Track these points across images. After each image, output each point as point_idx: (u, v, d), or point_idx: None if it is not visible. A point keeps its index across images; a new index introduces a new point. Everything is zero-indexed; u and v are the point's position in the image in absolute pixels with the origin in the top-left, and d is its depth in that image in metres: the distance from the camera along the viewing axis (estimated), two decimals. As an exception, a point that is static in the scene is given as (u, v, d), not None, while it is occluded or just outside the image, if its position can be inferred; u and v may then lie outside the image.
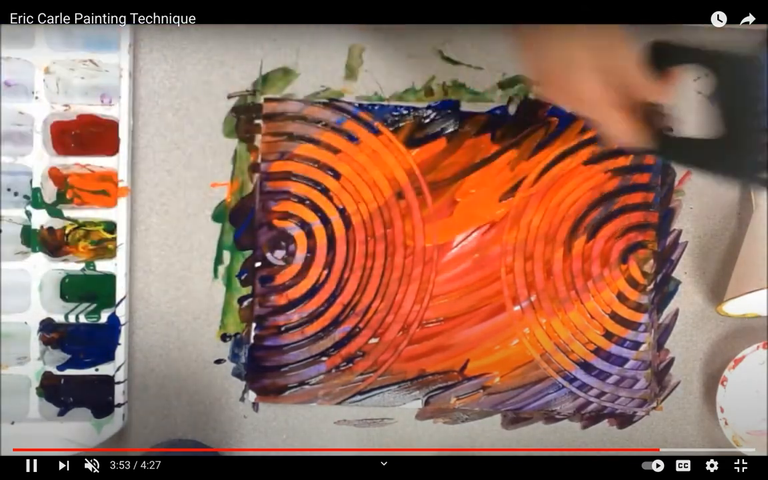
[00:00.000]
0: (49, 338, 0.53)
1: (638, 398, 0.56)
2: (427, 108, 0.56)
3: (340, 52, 0.55)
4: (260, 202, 0.55)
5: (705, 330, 0.57)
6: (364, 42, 0.55)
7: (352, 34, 0.55)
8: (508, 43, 0.52)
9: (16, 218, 0.54)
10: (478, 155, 0.56)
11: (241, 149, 0.55)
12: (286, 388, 0.54)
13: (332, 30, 0.55)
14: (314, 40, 0.55)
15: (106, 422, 0.52)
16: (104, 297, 0.54)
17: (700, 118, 0.48)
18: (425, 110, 0.56)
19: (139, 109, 0.55)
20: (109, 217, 0.54)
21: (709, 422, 0.57)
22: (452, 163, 0.55)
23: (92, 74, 0.54)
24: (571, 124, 0.56)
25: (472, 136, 0.56)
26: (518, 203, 0.56)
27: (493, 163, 0.56)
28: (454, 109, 0.56)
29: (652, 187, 0.56)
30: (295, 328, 0.54)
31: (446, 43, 0.56)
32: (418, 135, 0.55)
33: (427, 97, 0.56)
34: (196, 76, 0.55)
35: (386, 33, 0.55)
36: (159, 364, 0.55)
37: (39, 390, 0.52)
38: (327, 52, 0.55)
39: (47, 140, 0.53)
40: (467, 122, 0.56)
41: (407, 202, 0.55)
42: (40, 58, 0.52)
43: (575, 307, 0.56)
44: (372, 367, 0.55)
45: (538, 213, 0.56)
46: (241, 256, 0.55)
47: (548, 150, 0.56)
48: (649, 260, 0.56)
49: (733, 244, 0.57)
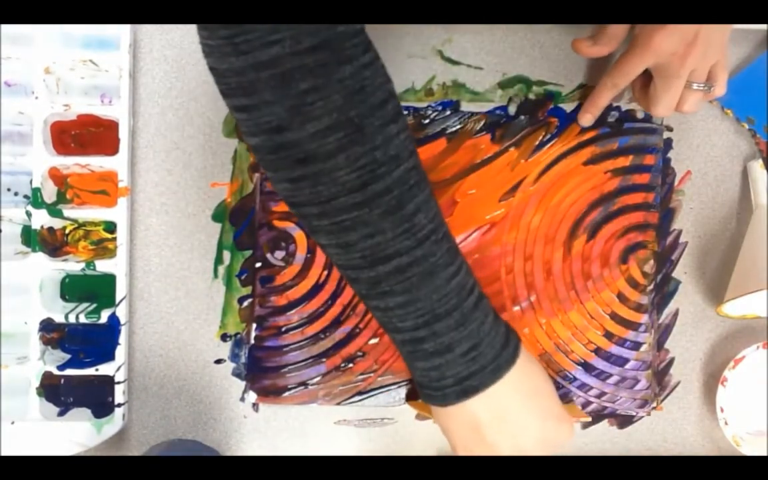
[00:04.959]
0: (49, 338, 0.53)
1: (639, 399, 0.56)
2: (427, 108, 0.56)
3: (340, 52, 0.55)
4: (260, 202, 0.55)
5: (705, 330, 0.57)
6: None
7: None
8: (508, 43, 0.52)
9: (16, 218, 0.54)
10: (478, 155, 0.56)
11: (241, 149, 0.55)
12: (286, 389, 0.54)
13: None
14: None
15: (106, 422, 0.52)
16: (104, 297, 0.54)
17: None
18: (425, 110, 0.56)
19: (139, 109, 0.55)
20: (109, 217, 0.54)
21: (709, 422, 0.57)
22: (452, 163, 0.55)
23: (92, 74, 0.54)
24: (571, 125, 0.56)
25: (472, 136, 0.56)
26: (518, 203, 0.56)
27: (493, 163, 0.56)
28: (454, 109, 0.56)
29: (652, 187, 0.56)
30: (295, 328, 0.54)
31: (446, 43, 0.56)
32: (418, 135, 0.55)
33: (427, 97, 0.56)
34: (196, 76, 0.55)
35: (386, 33, 0.55)
36: (159, 364, 0.55)
37: (39, 390, 0.52)
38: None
39: (47, 140, 0.53)
40: (467, 122, 0.56)
41: (407, 202, 0.55)
42: (40, 58, 0.52)
43: (575, 307, 0.56)
44: (372, 368, 0.55)
45: (538, 213, 0.56)
46: (241, 256, 0.55)
47: (548, 150, 0.56)
48: (649, 260, 0.56)
49: (733, 244, 0.57)
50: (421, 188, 0.38)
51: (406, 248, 0.37)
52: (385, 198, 0.36)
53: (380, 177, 0.36)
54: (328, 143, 0.35)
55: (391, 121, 0.36)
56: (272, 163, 0.37)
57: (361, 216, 0.36)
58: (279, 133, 0.35)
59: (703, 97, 0.49)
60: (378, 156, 0.36)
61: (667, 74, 0.48)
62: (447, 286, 0.39)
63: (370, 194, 0.36)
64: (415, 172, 0.37)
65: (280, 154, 0.36)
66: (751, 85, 0.57)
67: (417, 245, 0.38)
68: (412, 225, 0.37)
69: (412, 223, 0.37)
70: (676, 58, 0.46)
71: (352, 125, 0.35)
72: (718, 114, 0.57)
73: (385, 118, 0.36)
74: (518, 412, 0.42)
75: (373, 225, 0.37)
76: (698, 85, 0.48)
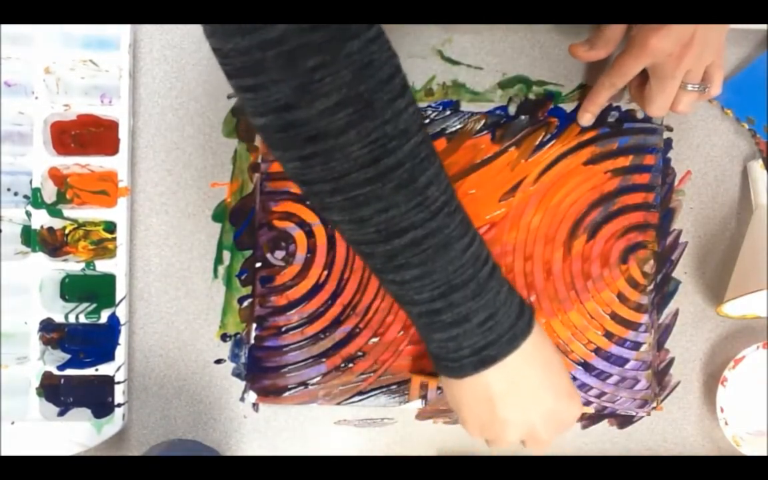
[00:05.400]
0: (49, 338, 0.53)
1: (639, 399, 0.56)
2: (427, 108, 0.56)
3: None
4: (260, 202, 0.55)
5: (705, 330, 0.57)
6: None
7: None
8: (508, 43, 0.52)
9: (16, 218, 0.54)
10: (478, 155, 0.56)
11: (241, 149, 0.55)
12: (286, 389, 0.54)
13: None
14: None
15: (106, 422, 0.52)
16: (104, 297, 0.54)
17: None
18: (425, 110, 0.56)
19: (139, 109, 0.55)
20: (109, 217, 0.54)
21: (709, 422, 0.57)
22: (452, 163, 0.55)
23: (92, 74, 0.54)
24: (571, 125, 0.56)
25: (472, 136, 0.56)
26: (518, 203, 0.56)
27: (493, 163, 0.56)
28: (454, 109, 0.56)
29: (652, 187, 0.56)
30: (295, 328, 0.54)
31: (446, 43, 0.56)
32: (418, 135, 0.55)
33: (427, 97, 0.56)
34: (196, 76, 0.55)
35: (386, 33, 0.55)
36: (159, 364, 0.55)
37: (39, 390, 0.52)
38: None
39: (47, 140, 0.53)
40: (467, 122, 0.56)
41: (407, 202, 0.55)
42: (40, 58, 0.52)
43: (575, 307, 0.56)
44: (372, 368, 0.55)
45: (538, 213, 0.56)
46: (241, 256, 0.55)
47: (548, 150, 0.56)
48: (649, 260, 0.56)
49: (733, 244, 0.57)
50: (431, 161, 0.38)
51: (421, 221, 0.37)
52: (397, 172, 0.36)
53: (392, 151, 0.36)
54: (339, 119, 0.34)
55: (399, 96, 0.36)
56: (281, 143, 0.37)
57: (374, 190, 0.36)
58: (288, 112, 0.35)
59: (698, 97, 0.49)
60: (389, 130, 0.36)
61: (662, 75, 0.48)
62: (462, 256, 0.39)
63: (382, 169, 0.36)
64: (425, 146, 0.38)
65: (289, 132, 0.36)
66: (751, 85, 0.57)
67: (431, 217, 0.38)
68: (425, 197, 0.37)
69: (425, 195, 0.37)
70: (671, 58, 0.46)
71: (361, 100, 0.35)
72: (718, 114, 0.57)
73: (393, 93, 0.36)
74: (532, 384, 0.42)
75: (386, 199, 0.37)
76: (693, 85, 0.48)
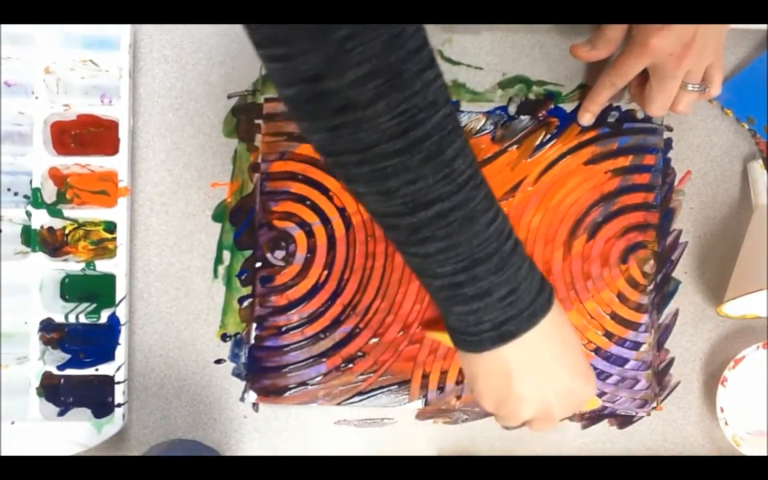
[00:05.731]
0: (49, 338, 0.53)
1: (639, 399, 0.56)
2: (427, 108, 0.55)
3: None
4: (260, 202, 0.55)
5: (705, 330, 0.57)
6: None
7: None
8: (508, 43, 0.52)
9: (16, 218, 0.54)
10: (479, 155, 0.56)
11: (241, 149, 0.55)
12: (287, 389, 0.54)
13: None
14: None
15: (106, 422, 0.52)
16: (104, 297, 0.54)
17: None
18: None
19: (139, 109, 0.55)
20: (109, 217, 0.54)
21: (709, 422, 0.57)
22: (452, 163, 0.55)
23: (92, 74, 0.54)
24: (571, 125, 0.56)
25: (472, 136, 0.56)
26: (518, 203, 0.56)
27: (493, 163, 0.56)
28: (454, 109, 0.56)
29: (652, 187, 0.56)
30: (295, 328, 0.54)
31: (446, 43, 0.56)
32: (418, 135, 0.55)
33: (427, 97, 0.56)
34: (196, 76, 0.55)
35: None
36: (159, 364, 0.55)
37: (39, 390, 0.52)
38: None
39: (47, 140, 0.53)
40: (467, 122, 0.56)
41: (407, 202, 0.55)
42: (40, 58, 0.52)
43: (575, 307, 0.56)
44: (372, 368, 0.55)
45: (538, 213, 0.56)
46: (241, 256, 0.55)
47: (548, 150, 0.56)
48: (649, 260, 0.56)
49: (733, 244, 0.57)
50: (458, 134, 0.38)
51: (448, 193, 0.37)
52: (425, 143, 0.36)
53: (420, 123, 0.36)
54: (368, 90, 0.34)
55: (428, 67, 0.36)
56: (309, 113, 0.36)
57: (403, 162, 0.36)
58: (318, 82, 0.35)
59: (698, 97, 0.49)
60: (417, 102, 0.35)
61: (662, 75, 0.48)
62: (486, 230, 0.39)
63: (411, 140, 0.36)
64: (452, 119, 0.38)
65: (318, 103, 0.35)
66: (751, 85, 0.57)
67: (457, 190, 0.38)
68: (452, 170, 0.37)
69: (452, 168, 0.37)
70: (672, 58, 0.46)
71: (391, 71, 0.34)
72: (718, 114, 0.57)
73: (422, 64, 0.36)
74: (549, 361, 0.42)
75: (414, 171, 0.37)
76: (693, 86, 0.49)
